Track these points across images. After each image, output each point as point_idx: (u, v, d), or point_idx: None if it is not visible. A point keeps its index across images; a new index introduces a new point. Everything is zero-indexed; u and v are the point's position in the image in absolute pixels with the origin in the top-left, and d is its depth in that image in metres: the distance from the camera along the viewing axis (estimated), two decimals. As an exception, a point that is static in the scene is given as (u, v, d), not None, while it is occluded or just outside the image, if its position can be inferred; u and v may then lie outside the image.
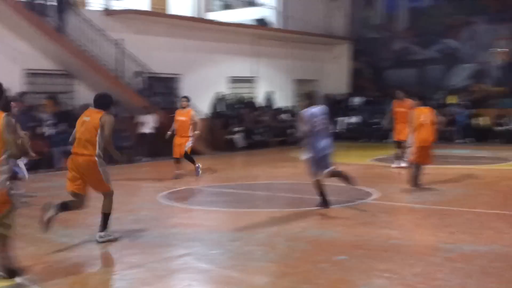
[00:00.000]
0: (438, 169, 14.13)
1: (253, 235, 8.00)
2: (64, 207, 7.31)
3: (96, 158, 7.28)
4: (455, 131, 23.10)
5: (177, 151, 14.08)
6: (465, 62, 25.61)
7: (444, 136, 23.36)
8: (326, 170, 9.57)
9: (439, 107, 23.58)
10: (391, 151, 19.24)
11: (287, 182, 13.71)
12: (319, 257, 6.82)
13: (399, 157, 15.16)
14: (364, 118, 26.07)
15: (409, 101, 13.95)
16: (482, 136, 22.51)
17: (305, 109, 9.54)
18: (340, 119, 26.78)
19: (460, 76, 25.78)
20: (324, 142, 9.54)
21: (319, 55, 28.93)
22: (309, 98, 9.85)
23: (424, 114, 11.84)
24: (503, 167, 15.79)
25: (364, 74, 28.64)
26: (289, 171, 15.72)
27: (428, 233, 8.16)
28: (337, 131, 26.43)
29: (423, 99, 12.69)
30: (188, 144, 14.02)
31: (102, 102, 7.61)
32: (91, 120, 7.40)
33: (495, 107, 23.49)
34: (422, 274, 6.09)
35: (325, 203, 9.69)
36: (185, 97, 14.82)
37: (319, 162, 9.50)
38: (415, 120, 11.76)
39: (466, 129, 22.95)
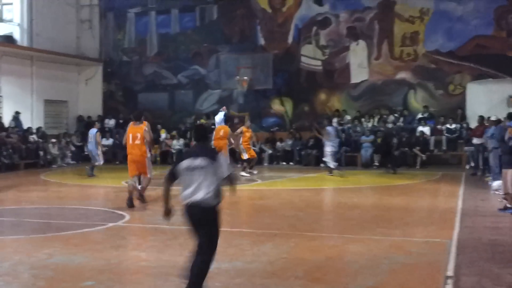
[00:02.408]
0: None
1: (-5, 265, 7.53)
2: None
3: None
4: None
5: None
6: (212, 88, 27.04)
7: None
8: None
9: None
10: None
11: (35, 207, 13.11)
12: (65, 284, 6.67)
13: None
14: (117, 141, 25.96)
15: None
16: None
17: None
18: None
19: (209, 101, 27.13)
20: None
21: (71, 76, 28.26)
22: None
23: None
24: (247, 188, 16.89)
25: (116, 97, 28.64)
26: (38, 195, 15.07)
27: (176, 254, 8.41)
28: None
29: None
30: None
31: None
32: None
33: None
34: (169, 293, 6.28)
35: None
36: None
37: None
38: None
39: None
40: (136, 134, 12.47)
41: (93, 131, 19.78)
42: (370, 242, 8.96)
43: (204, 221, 5.89)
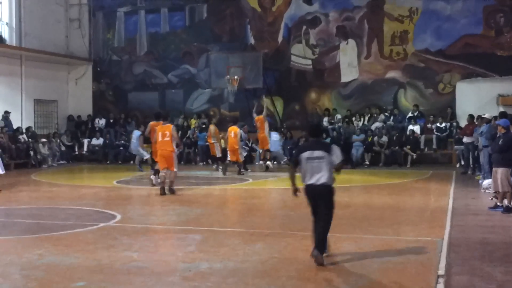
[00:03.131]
0: (178, 190, 14.68)
1: (-15, 267, 7.49)
2: None
3: None
4: (198, 154, 24.17)
5: None
6: (203, 88, 26.99)
7: (188, 158, 24.43)
8: None
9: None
10: (135, 173, 19.56)
11: (25, 207, 13.04)
12: (56, 285, 6.66)
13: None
14: (108, 140, 25.92)
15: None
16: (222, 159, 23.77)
17: None
18: (84, 140, 26.37)
19: (199, 100, 27.10)
20: None
21: (60, 75, 28.14)
22: None
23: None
24: (238, 187, 16.91)
25: (106, 96, 28.54)
26: (29, 195, 15.01)
27: (167, 254, 8.42)
28: (83, 153, 26.05)
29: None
30: None
31: None
32: None
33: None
34: (161, 293, 6.28)
35: None
36: None
37: None
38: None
39: (207, 152, 24.03)
40: (165, 132, 14.21)
41: (137, 133, 19.98)
42: (361, 241, 8.99)
43: (325, 197, 7.71)
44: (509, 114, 14.22)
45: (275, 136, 21.55)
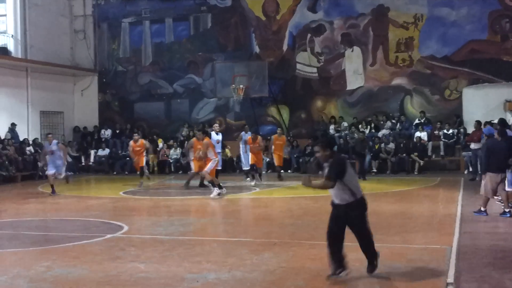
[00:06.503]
0: (183, 200, 14.64)
1: (-8, 279, 7.48)
2: None
3: None
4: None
5: None
6: (208, 97, 27.01)
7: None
8: None
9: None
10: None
11: (32, 219, 13.04)
12: (64, 297, 6.62)
13: None
14: (114, 151, 25.95)
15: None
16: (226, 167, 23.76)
17: None
18: (91, 151, 26.40)
19: (205, 110, 27.11)
20: None
21: (66, 87, 28.23)
22: None
23: None
24: (244, 196, 16.86)
25: (112, 107, 28.59)
26: (35, 207, 15.01)
27: (174, 264, 8.38)
28: (90, 164, 26.06)
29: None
30: None
31: None
32: None
33: (237, 139, 24.99)
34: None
35: None
36: None
37: None
38: None
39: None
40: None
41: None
42: (369, 249, 8.91)
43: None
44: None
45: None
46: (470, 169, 20.45)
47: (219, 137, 19.49)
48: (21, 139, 24.33)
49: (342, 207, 7.29)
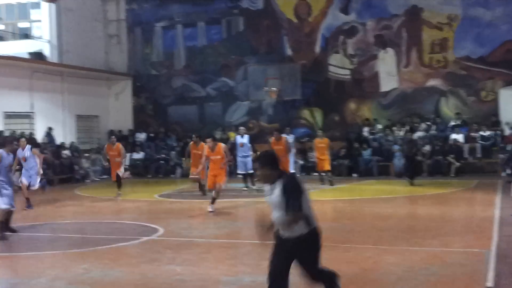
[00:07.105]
0: (218, 203, 14.65)
1: (32, 281, 7.60)
2: None
3: None
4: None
5: None
6: (241, 100, 27.06)
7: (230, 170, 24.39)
8: None
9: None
10: (177, 187, 19.64)
11: (70, 221, 13.24)
12: (103, 299, 6.69)
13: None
14: (148, 154, 26.17)
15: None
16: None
17: None
18: (126, 155, 26.58)
19: (238, 113, 27.16)
20: None
21: (101, 91, 28.57)
22: None
23: None
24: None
25: (146, 110, 28.84)
26: (73, 209, 15.23)
27: (210, 267, 8.40)
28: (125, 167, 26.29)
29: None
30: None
31: None
32: None
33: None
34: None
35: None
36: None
37: None
38: None
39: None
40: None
41: None
42: (406, 252, 8.82)
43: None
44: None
45: None
46: (508, 172, 20.05)
47: (243, 140, 19.31)
48: (57, 143, 24.69)
49: (291, 241, 5.72)
